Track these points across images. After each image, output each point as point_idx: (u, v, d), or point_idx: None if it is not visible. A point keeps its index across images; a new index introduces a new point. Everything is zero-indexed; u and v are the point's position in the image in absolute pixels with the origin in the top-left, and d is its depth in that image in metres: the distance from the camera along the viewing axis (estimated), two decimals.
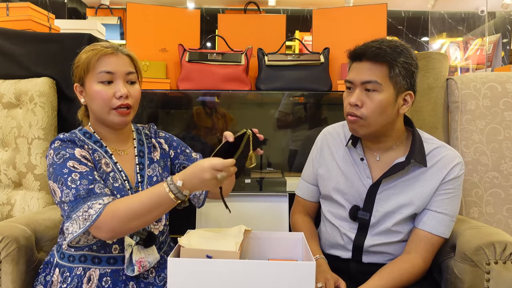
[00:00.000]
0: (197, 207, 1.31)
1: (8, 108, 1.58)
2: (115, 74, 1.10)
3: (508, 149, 1.53)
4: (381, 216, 1.22)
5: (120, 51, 1.13)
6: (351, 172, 1.27)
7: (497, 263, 1.10)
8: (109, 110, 1.10)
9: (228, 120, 2.13)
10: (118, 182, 1.13)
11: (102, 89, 1.09)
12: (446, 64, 1.69)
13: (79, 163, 1.05)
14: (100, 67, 1.09)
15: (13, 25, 1.76)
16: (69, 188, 1.01)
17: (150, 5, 1.86)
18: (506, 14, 5.24)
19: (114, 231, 1.00)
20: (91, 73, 1.10)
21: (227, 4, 5.51)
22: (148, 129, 1.29)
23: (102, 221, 0.98)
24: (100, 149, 1.15)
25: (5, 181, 1.57)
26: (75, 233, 0.99)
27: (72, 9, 5.15)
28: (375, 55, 1.11)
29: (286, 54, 1.81)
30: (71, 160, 1.05)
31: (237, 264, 0.98)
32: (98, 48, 1.11)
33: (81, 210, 0.99)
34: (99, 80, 1.09)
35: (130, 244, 1.09)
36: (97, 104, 1.10)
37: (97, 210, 0.98)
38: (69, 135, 1.13)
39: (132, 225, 1.00)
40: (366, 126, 1.16)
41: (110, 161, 1.14)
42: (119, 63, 1.11)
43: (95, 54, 1.09)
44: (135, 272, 1.08)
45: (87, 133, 1.17)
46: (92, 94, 1.10)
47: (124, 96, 1.10)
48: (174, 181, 0.98)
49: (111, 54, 1.10)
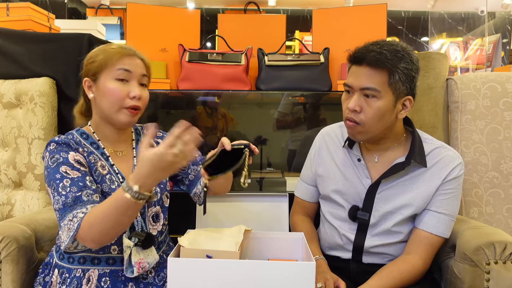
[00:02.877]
0: (198, 204, 1.31)
1: (8, 108, 1.58)
2: (132, 73, 1.12)
3: (508, 149, 1.53)
4: (381, 216, 1.21)
5: (137, 54, 1.15)
6: (350, 172, 1.26)
7: (497, 263, 1.10)
8: (120, 109, 1.11)
9: (228, 120, 2.13)
10: (115, 184, 1.13)
11: (117, 86, 1.10)
12: (446, 64, 1.69)
13: (71, 168, 1.05)
14: (119, 64, 1.11)
15: (13, 25, 1.76)
16: (60, 195, 1.02)
17: (150, 5, 1.86)
18: (506, 14, 5.24)
19: (94, 241, 0.99)
20: (109, 69, 1.11)
21: (227, 4, 5.51)
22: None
23: (82, 232, 0.97)
24: (96, 151, 1.15)
25: (5, 181, 1.57)
26: (65, 242, 0.99)
27: (72, 9, 5.15)
28: (375, 60, 1.09)
29: (286, 54, 1.81)
30: (64, 165, 1.05)
31: (237, 264, 0.98)
32: (119, 49, 1.13)
33: (67, 219, 0.99)
34: (116, 77, 1.10)
35: (128, 246, 1.09)
36: (109, 101, 1.11)
37: (78, 219, 0.97)
38: (65, 137, 1.13)
39: (106, 233, 0.98)
40: (364, 132, 1.15)
41: (106, 163, 1.14)
42: (136, 64, 1.14)
43: (116, 53, 1.11)
44: (134, 273, 1.08)
45: (84, 133, 1.17)
46: (106, 91, 1.10)
47: (137, 97, 1.12)
48: (130, 186, 0.93)
49: (130, 56, 1.13)
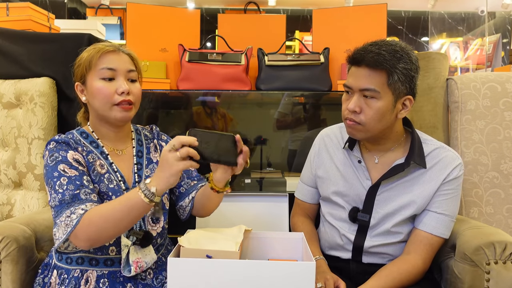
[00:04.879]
0: (182, 217, 1.29)
1: (8, 108, 1.58)
2: (117, 71, 1.11)
3: (508, 149, 1.53)
4: (381, 218, 1.21)
5: (121, 50, 1.14)
6: (350, 174, 1.26)
7: (497, 263, 1.10)
8: (111, 106, 1.11)
9: (228, 120, 2.13)
10: (113, 183, 1.12)
11: (103, 85, 1.10)
12: (446, 64, 1.69)
13: (69, 166, 1.06)
14: (101, 64, 1.10)
15: (13, 25, 1.76)
16: (56, 193, 1.02)
17: (150, 5, 1.86)
18: (506, 14, 5.24)
19: (90, 239, 0.99)
20: (93, 70, 1.11)
21: (227, 4, 5.51)
22: (148, 131, 1.29)
23: (80, 229, 0.98)
24: (95, 149, 1.15)
25: (5, 181, 1.57)
26: (61, 239, 0.99)
27: (72, 9, 5.15)
28: (374, 61, 1.09)
29: (286, 54, 1.81)
30: (62, 163, 1.06)
31: (237, 264, 0.98)
32: (100, 46, 1.12)
33: (64, 215, 0.99)
34: (100, 76, 1.10)
35: (126, 245, 1.09)
36: (99, 101, 1.10)
37: (78, 215, 0.98)
38: (65, 136, 1.13)
39: (106, 233, 1.00)
40: (364, 131, 1.16)
41: (105, 162, 1.14)
42: (120, 61, 1.12)
43: (97, 52, 1.10)
44: (131, 272, 1.08)
45: (84, 133, 1.17)
46: (94, 91, 1.10)
47: (126, 92, 1.10)
48: (148, 187, 0.97)
49: (112, 52, 1.12)
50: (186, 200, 1.26)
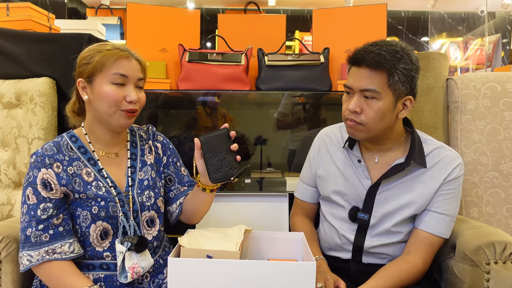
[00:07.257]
0: (170, 221, 1.28)
1: (8, 108, 1.58)
2: (128, 78, 1.10)
3: (508, 149, 1.53)
4: (381, 217, 1.22)
5: (133, 55, 1.13)
6: (350, 173, 1.26)
7: (497, 263, 1.10)
8: (116, 111, 1.09)
9: (228, 120, 2.13)
10: (102, 190, 1.11)
11: (113, 90, 1.08)
12: (446, 64, 1.69)
13: (33, 191, 1.07)
14: (115, 68, 1.08)
15: (13, 25, 1.76)
16: (22, 216, 1.08)
17: (150, 5, 1.86)
18: (506, 14, 5.24)
19: None
20: (104, 72, 1.08)
21: (227, 4, 5.51)
22: (144, 131, 1.28)
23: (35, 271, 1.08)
24: (83, 156, 1.13)
25: (5, 181, 1.57)
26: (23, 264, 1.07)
27: (72, 9, 5.15)
28: (374, 62, 1.09)
29: (286, 54, 1.81)
30: (30, 186, 1.08)
31: (237, 264, 0.98)
32: (114, 50, 1.10)
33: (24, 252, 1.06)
34: (112, 81, 1.08)
35: (121, 251, 1.07)
36: (105, 104, 1.08)
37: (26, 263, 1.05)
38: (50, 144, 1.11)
39: None
40: (365, 131, 1.16)
41: (93, 169, 1.12)
42: (132, 68, 1.11)
43: (112, 55, 1.08)
44: (128, 279, 1.07)
45: (74, 136, 1.15)
46: (102, 94, 1.08)
47: (134, 102, 1.10)
48: None
49: (126, 58, 1.10)
50: (174, 205, 1.26)
